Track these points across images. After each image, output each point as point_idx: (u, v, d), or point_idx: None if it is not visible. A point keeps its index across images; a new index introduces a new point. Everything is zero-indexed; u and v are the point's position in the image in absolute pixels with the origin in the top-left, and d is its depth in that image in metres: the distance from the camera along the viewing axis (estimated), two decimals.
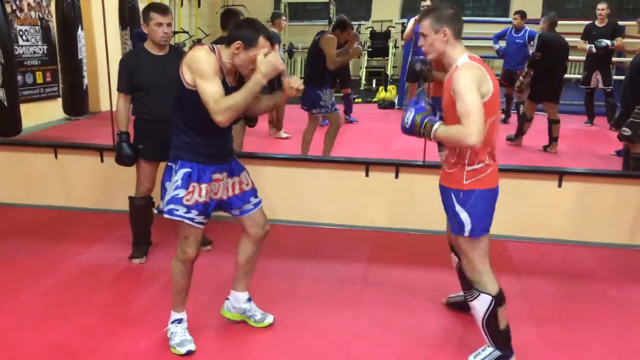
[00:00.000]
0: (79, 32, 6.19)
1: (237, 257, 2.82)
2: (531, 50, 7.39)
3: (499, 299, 2.47)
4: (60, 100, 6.76)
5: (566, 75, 10.43)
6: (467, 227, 2.45)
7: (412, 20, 7.44)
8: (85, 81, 6.46)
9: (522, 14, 7.52)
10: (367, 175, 4.21)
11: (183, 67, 2.43)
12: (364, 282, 3.40)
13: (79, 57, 6.23)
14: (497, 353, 2.55)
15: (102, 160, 4.50)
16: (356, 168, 4.22)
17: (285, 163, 4.48)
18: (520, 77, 6.10)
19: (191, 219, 2.53)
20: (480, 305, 2.48)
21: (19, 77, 5.93)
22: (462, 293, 2.90)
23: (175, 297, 2.69)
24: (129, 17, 6.89)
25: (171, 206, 2.52)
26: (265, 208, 3.90)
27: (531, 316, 3.06)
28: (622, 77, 6.29)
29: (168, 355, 2.64)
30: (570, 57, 7.49)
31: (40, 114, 6.42)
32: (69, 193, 4.64)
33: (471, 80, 2.27)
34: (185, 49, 6.08)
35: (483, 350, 2.58)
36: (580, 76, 8.03)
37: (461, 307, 2.95)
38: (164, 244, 3.85)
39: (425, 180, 4.20)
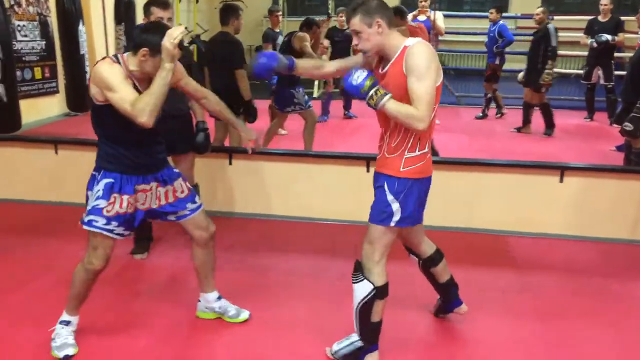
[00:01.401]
0: (80, 27, 6.17)
1: (193, 262, 2.81)
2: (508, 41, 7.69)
3: (380, 292, 2.43)
4: (59, 96, 6.73)
5: (566, 70, 10.50)
6: (396, 217, 2.38)
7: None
8: (88, 76, 6.44)
9: (497, 9, 7.79)
10: (367, 170, 4.19)
11: (90, 85, 2.37)
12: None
13: (81, 52, 6.21)
14: (359, 344, 2.53)
15: None
16: (356, 163, 4.21)
17: (283, 158, 4.46)
18: (547, 70, 6.22)
19: (110, 231, 2.49)
20: (361, 290, 2.44)
21: (18, 73, 5.90)
22: (438, 298, 2.91)
23: (71, 301, 2.62)
24: (124, 12, 6.86)
25: (90, 217, 2.47)
26: (264, 204, 3.89)
27: (533, 311, 3.06)
28: (623, 73, 6.31)
29: (170, 351, 2.63)
30: (571, 53, 7.60)
31: (39, 110, 6.39)
32: (68, 189, 4.61)
33: (431, 62, 2.20)
34: (185, 44, 6.06)
35: (347, 338, 2.57)
36: (581, 71, 8.04)
37: (445, 311, 2.91)
38: (166, 240, 3.85)
39: None
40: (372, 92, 2.22)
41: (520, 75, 6.90)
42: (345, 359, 2.54)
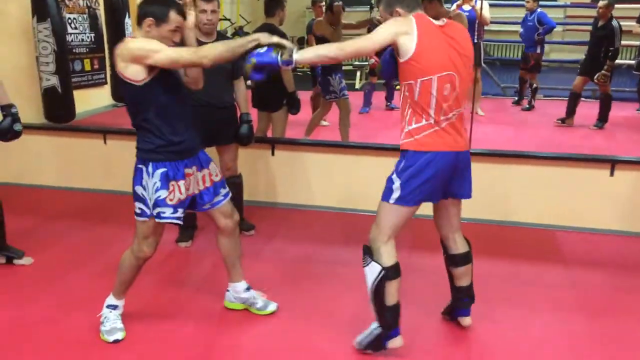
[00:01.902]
0: (126, 19, 6.30)
1: (220, 252, 2.84)
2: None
3: (390, 272, 2.39)
4: (106, 87, 6.90)
5: (617, 61, 10.15)
6: (395, 194, 2.36)
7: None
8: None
9: None
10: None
11: (125, 68, 2.34)
12: (408, 269, 3.37)
13: None
14: (379, 330, 2.48)
15: None
16: (397, 155, 4.17)
17: (325, 149, 4.47)
18: (604, 72, 6.13)
19: (179, 218, 2.51)
20: (370, 273, 2.42)
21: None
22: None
23: (119, 286, 2.66)
24: None
25: (158, 210, 2.47)
26: (305, 194, 3.91)
27: (580, 307, 2.99)
28: None
29: (217, 335, 2.68)
30: (623, 42, 7.32)
31: (88, 101, 6.56)
32: (117, 178, 4.74)
33: (386, 28, 2.28)
34: (228, 35, 6.12)
35: (369, 327, 2.52)
36: (632, 62, 7.77)
37: (450, 314, 2.81)
38: (210, 228, 3.89)
39: (472, 168, 4.14)
40: (279, 57, 2.25)
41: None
42: (368, 347, 2.52)
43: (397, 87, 6.54)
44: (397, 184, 2.37)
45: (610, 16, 6.22)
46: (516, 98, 7.94)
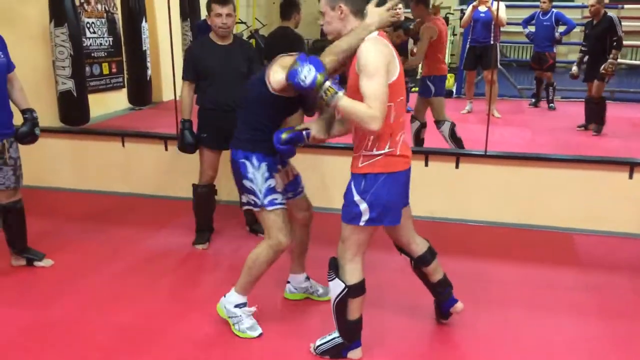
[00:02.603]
0: (143, 24, 6.37)
1: (293, 242, 2.89)
2: (557, 33, 7.38)
3: (353, 291, 2.38)
4: (124, 90, 6.97)
5: (636, 62, 10.01)
6: (365, 217, 2.30)
7: (470, 7, 7.25)
8: (149, 72, 6.64)
9: None
10: (426, 165, 4.15)
11: (273, 73, 2.46)
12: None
13: (143, 48, 6.41)
14: (339, 340, 2.49)
15: (166, 149, 4.63)
16: (415, 158, 4.16)
17: (343, 152, 4.46)
18: (613, 61, 5.89)
19: (284, 205, 2.64)
20: (334, 288, 2.42)
21: (87, 69, 6.14)
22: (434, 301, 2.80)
23: (250, 284, 2.70)
24: (189, 8, 7.02)
25: (270, 197, 2.59)
26: (325, 197, 3.93)
27: (598, 310, 2.96)
28: None
29: (230, 338, 2.70)
30: (631, 42, 7.27)
31: (107, 104, 6.63)
32: (135, 180, 4.80)
33: (380, 57, 2.13)
34: (244, 38, 6.15)
35: (330, 334, 2.53)
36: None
37: (441, 313, 2.80)
38: (226, 231, 3.94)
39: (487, 171, 4.13)
40: (322, 91, 2.15)
41: (575, 69, 6.51)
42: (325, 354, 2.53)
43: (413, 89, 6.53)
44: (362, 206, 2.29)
45: (604, 11, 6.07)
46: (533, 100, 7.81)
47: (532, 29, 7.61)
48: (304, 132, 2.53)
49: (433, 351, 2.67)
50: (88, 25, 6.46)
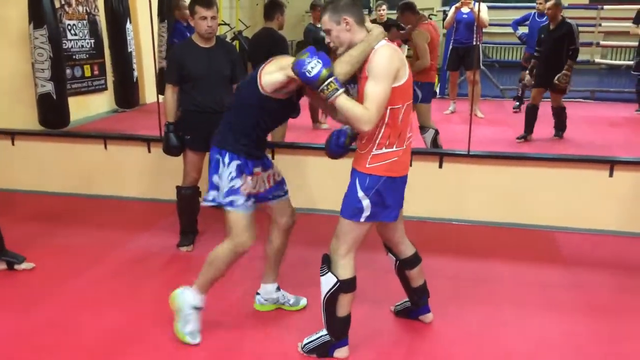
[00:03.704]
0: (127, 25, 6.32)
1: (267, 249, 2.87)
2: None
3: (344, 285, 2.42)
4: (107, 92, 6.92)
5: (616, 62, 10.14)
6: (365, 213, 2.36)
7: (453, 8, 7.31)
8: (135, 74, 6.60)
9: None
10: (410, 165, 4.16)
11: (266, 73, 2.41)
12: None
13: (128, 50, 6.37)
14: (327, 338, 2.52)
15: (149, 151, 4.61)
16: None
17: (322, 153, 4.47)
18: (567, 72, 5.65)
19: (249, 208, 2.59)
20: (326, 283, 2.44)
21: (68, 71, 6.09)
22: (407, 300, 2.85)
23: (208, 284, 2.66)
24: (166, 9, 6.97)
25: (231, 198, 2.54)
26: (306, 198, 3.93)
27: (581, 308, 3.00)
28: None
29: (215, 341, 2.69)
30: (621, 43, 7.06)
31: (89, 107, 6.58)
32: (118, 183, 4.77)
33: (390, 62, 2.22)
34: (227, 40, 6.12)
35: (317, 332, 2.56)
36: (631, 62, 7.74)
37: (408, 315, 2.86)
38: (211, 233, 3.92)
39: (470, 170, 4.16)
40: (324, 85, 2.20)
41: (527, 78, 6.19)
42: (312, 352, 2.55)
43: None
44: (365, 203, 2.35)
45: (562, 17, 5.73)
46: (517, 103, 7.52)
47: (522, 30, 7.47)
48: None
49: (419, 349, 2.68)
50: (69, 27, 6.40)
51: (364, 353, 2.59)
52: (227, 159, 2.55)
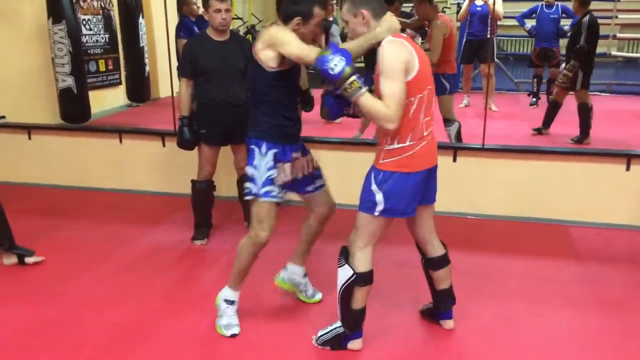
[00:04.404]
0: (140, 20, 6.35)
1: (303, 230, 2.89)
2: (566, 27, 6.99)
3: (361, 278, 2.42)
4: (121, 87, 6.96)
5: (633, 54, 9.98)
6: (379, 207, 2.35)
7: (467, 1, 7.24)
8: (147, 68, 6.63)
9: None
10: (454, 160, 4.16)
11: (259, 52, 2.45)
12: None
13: (141, 45, 6.40)
14: (341, 330, 2.53)
15: (163, 145, 4.63)
16: None
17: (341, 147, 4.48)
18: (566, 72, 5.50)
19: (281, 198, 2.60)
20: (342, 274, 2.45)
21: None
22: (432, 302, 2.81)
23: (237, 277, 2.69)
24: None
25: (266, 188, 2.55)
26: (336, 192, 3.92)
27: (595, 302, 2.98)
28: None
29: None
30: (637, 36, 6.81)
31: (103, 101, 6.64)
32: (133, 177, 4.80)
33: (397, 58, 2.20)
34: (240, 34, 6.13)
35: (332, 324, 2.57)
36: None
37: (431, 316, 2.81)
38: (225, 226, 3.95)
39: (484, 164, 4.14)
40: (346, 83, 2.20)
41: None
42: (326, 344, 2.56)
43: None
44: (378, 196, 2.36)
45: (585, 12, 5.47)
46: (534, 99, 7.40)
47: (530, 23, 7.33)
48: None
49: (431, 343, 2.68)
50: (84, 22, 6.45)
51: (376, 347, 2.59)
52: (264, 149, 2.55)
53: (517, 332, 2.73)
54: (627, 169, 3.90)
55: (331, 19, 6.92)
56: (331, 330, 2.56)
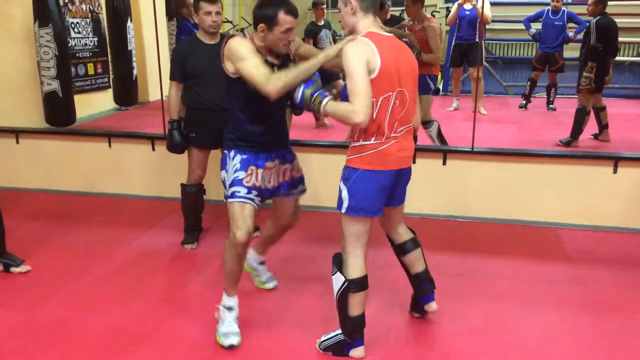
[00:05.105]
0: (128, 23, 6.33)
1: (266, 226, 2.99)
2: (570, 32, 7.07)
3: (353, 285, 2.42)
4: (110, 90, 6.93)
5: (620, 58, 10.08)
6: (345, 203, 2.40)
7: (456, 5, 7.30)
8: (135, 72, 6.61)
9: None
10: (413, 162, 4.15)
11: (224, 60, 2.49)
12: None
13: (129, 48, 6.39)
14: (342, 337, 2.53)
15: (153, 149, 4.61)
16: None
17: (330, 150, 4.48)
18: (587, 74, 5.48)
19: (251, 200, 2.57)
20: (335, 282, 2.47)
21: (72, 69, 6.11)
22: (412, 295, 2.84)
23: (228, 281, 2.66)
24: (174, 8, 7.00)
25: (233, 189, 2.56)
26: (310, 195, 3.93)
27: (585, 304, 3.00)
28: None
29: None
30: (625, 39, 6.84)
31: (92, 105, 6.61)
32: (122, 181, 4.78)
33: (357, 57, 2.24)
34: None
35: (334, 331, 2.57)
36: (635, 59, 7.69)
37: (416, 307, 2.85)
38: (215, 230, 3.94)
39: (474, 167, 4.16)
40: (311, 104, 2.34)
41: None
42: (328, 350, 2.56)
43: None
44: (344, 193, 2.40)
45: (599, 13, 5.49)
46: (524, 102, 7.49)
47: (536, 26, 7.33)
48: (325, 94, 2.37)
49: (425, 345, 2.68)
50: (72, 25, 6.42)
51: (372, 350, 2.58)
52: (232, 154, 2.60)
53: (509, 334, 2.74)
54: (615, 171, 3.94)
55: (321, 23, 6.89)
56: (333, 337, 2.56)
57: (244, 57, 2.39)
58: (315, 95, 2.33)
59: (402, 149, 2.41)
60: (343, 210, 2.42)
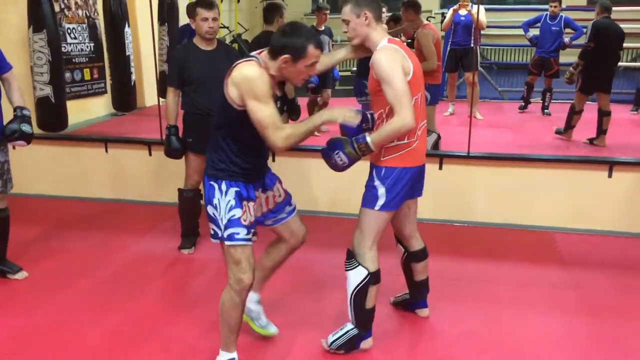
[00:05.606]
0: (126, 28, 6.33)
1: (264, 259, 2.64)
2: (566, 38, 7.16)
3: (374, 277, 2.50)
4: (107, 96, 6.92)
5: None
6: (381, 201, 2.46)
7: (451, 10, 7.33)
8: (133, 77, 6.61)
9: (560, 1, 7.29)
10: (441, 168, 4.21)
11: (230, 86, 2.19)
12: None
13: (127, 53, 6.38)
14: (355, 332, 2.57)
15: (150, 154, 4.62)
16: None
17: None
18: (571, 69, 5.68)
19: (249, 240, 2.31)
20: (355, 276, 2.50)
21: (68, 75, 6.10)
22: (406, 292, 2.93)
23: (229, 336, 2.39)
24: (167, 13, 6.99)
25: (231, 231, 2.26)
26: (307, 199, 3.94)
27: (581, 307, 3.02)
28: None
29: (217, 342, 2.69)
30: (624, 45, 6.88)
31: (88, 110, 6.59)
32: (119, 186, 4.78)
33: (393, 63, 2.30)
34: (227, 43, 6.13)
35: (342, 328, 2.59)
36: (628, 64, 7.73)
37: (406, 307, 2.95)
38: None
39: (470, 172, 4.18)
40: (359, 155, 2.37)
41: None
42: (340, 348, 2.58)
43: None
44: (380, 190, 2.46)
45: (602, 16, 5.65)
46: (523, 104, 7.59)
47: (533, 32, 7.40)
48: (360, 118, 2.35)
49: (421, 348, 2.70)
50: (69, 30, 6.41)
51: (372, 354, 2.60)
52: (223, 187, 2.28)
53: (507, 337, 2.76)
54: (610, 175, 3.96)
55: (322, 29, 6.86)
56: (344, 334, 2.58)
57: (260, 100, 2.13)
58: (356, 145, 2.34)
59: (424, 145, 2.54)
60: (377, 208, 2.47)
